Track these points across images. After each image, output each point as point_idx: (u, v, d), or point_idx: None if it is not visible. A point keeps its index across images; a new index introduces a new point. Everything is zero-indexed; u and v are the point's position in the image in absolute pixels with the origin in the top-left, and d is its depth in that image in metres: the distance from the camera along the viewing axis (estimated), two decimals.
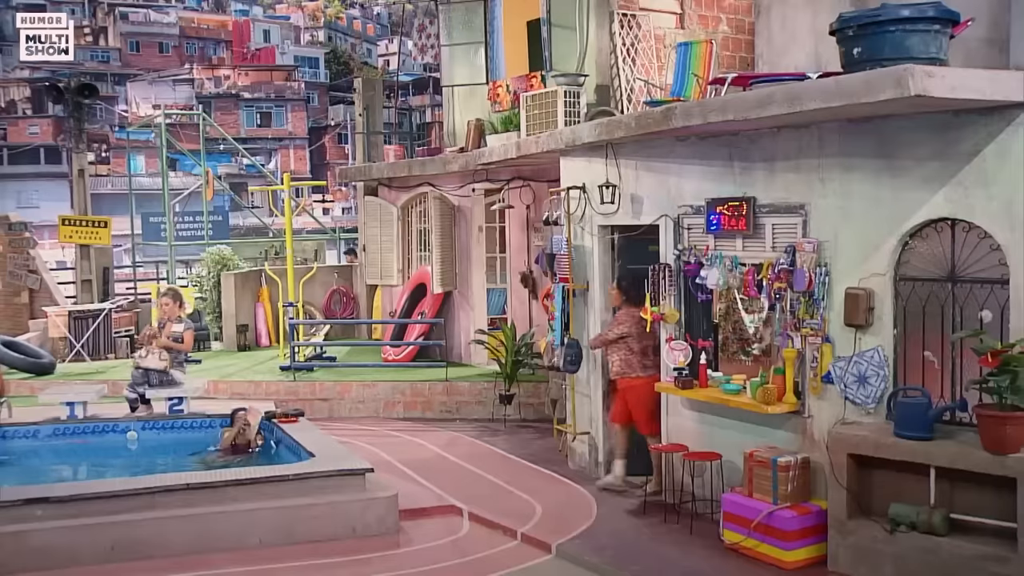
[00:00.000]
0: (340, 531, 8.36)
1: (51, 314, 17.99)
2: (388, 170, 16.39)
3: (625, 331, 9.33)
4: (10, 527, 7.66)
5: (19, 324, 19.59)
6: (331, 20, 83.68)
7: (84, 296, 19.97)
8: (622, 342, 9.35)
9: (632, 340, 9.31)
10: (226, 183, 32.42)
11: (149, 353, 11.64)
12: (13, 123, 63.03)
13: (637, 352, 9.33)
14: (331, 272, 19.02)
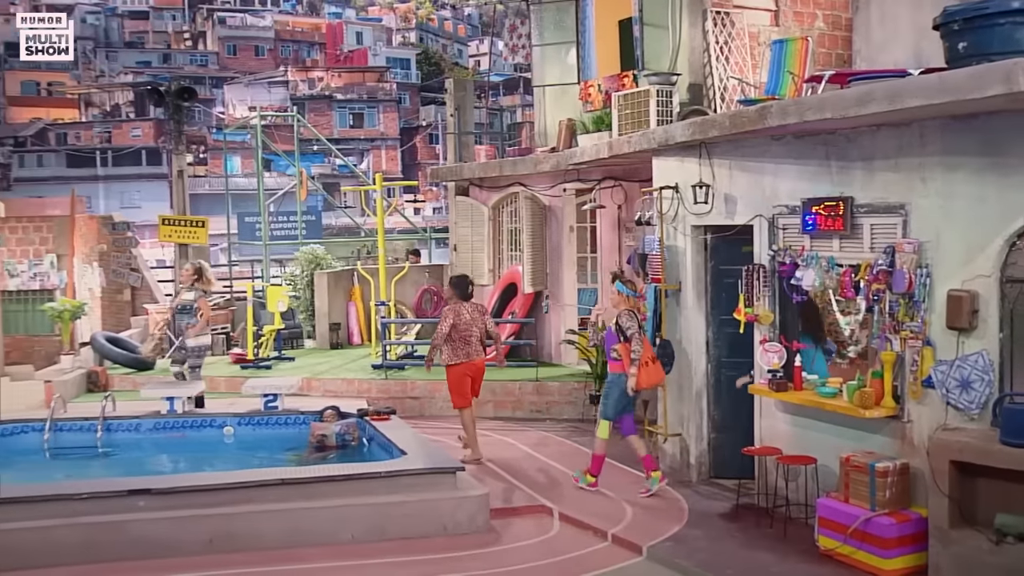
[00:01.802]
0: (431, 529, 8.41)
1: (151, 311, 18.49)
2: (479, 170, 16.45)
3: (451, 323, 10.70)
4: (114, 516, 7.89)
5: (122, 321, 20.20)
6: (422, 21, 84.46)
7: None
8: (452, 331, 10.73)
9: (455, 331, 10.72)
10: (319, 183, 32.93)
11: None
12: (117, 126, 65.02)
13: (459, 341, 10.71)
14: (422, 271, 19.18)
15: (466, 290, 11.08)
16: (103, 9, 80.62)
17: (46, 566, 7.61)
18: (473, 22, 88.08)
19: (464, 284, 11.16)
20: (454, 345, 10.80)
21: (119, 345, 16.19)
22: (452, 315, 10.81)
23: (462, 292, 11.04)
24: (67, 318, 18.38)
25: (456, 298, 11.03)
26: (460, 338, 10.78)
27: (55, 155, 62.31)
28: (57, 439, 11.05)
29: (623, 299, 9.80)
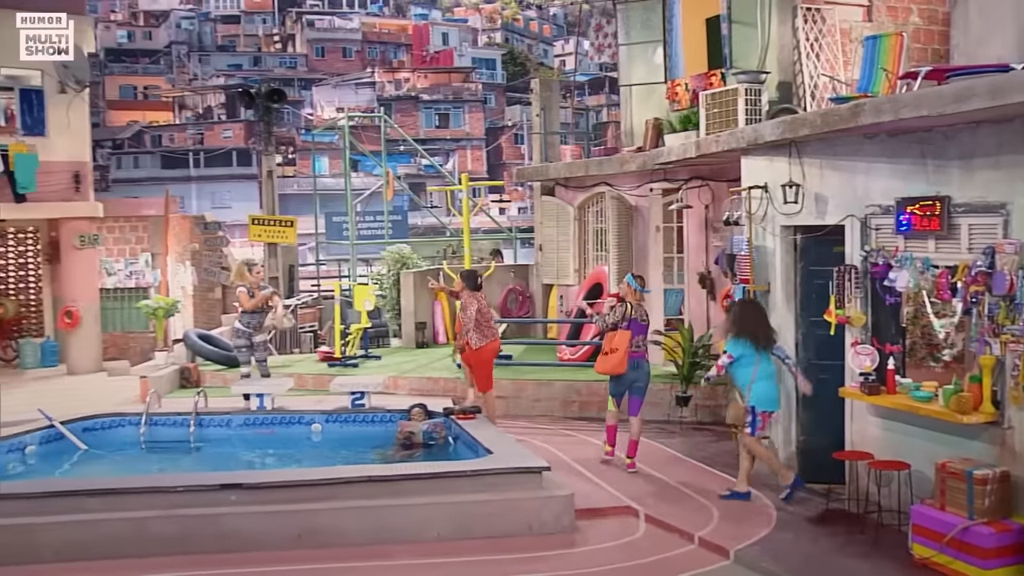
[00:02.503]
0: (516, 528, 8.41)
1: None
2: (565, 170, 16.44)
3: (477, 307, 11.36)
4: (206, 510, 8.05)
5: (213, 319, 20.62)
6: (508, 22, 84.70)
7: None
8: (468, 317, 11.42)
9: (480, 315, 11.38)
10: (405, 183, 33.23)
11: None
12: (209, 128, 66.48)
13: (484, 325, 11.40)
14: (507, 271, 19.22)
15: (476, 282, 11.84)
16: (196, 14, 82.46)
17: (141, 556, 7.80)
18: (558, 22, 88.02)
19: (474, 277, 11.95)
20: (481, 329, 11.44)
21: (210, 342, 16.52)
22: (476, 301, 11.51)
23: (473, 284, 11.77)
24: (161, 316, 18.84)
25: (468, 290, 11.68)
26: (485, 322, 11.52)
27: (150, 156, 63.92)
28: (152, 433, 11.32)
29: (631, 291, 10.63)
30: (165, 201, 21.35)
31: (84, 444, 11.01)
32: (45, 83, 18.71)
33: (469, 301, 11.53)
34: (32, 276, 19.89)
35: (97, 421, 11.54)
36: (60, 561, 7.71)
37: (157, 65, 77.98)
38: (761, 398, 9.14)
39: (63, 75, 18.48)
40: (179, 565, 7.65)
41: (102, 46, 65.07)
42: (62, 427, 10.99)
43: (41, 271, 19.84)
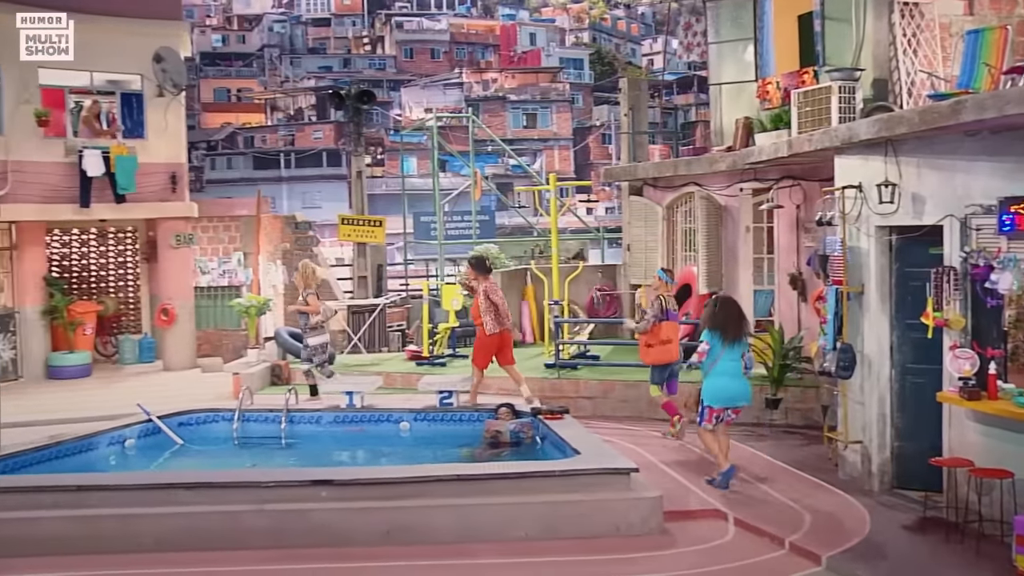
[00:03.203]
0: (603, 529, 8.37)
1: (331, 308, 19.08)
2: (653, 170, 16.34)
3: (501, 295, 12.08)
4: (298, 505, 8.18)
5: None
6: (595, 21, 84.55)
7: (360, 292, 21.06)
8: (491, 305, 11.99)
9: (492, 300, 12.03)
10: (493, 183, 33.35)
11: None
12: (300, 129, 67.62)
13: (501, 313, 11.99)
14: (595, 271, 19.16)
15: (488, 267, 12.45)
16: (288, 18, 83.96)
17: (234, 548, 7.96)
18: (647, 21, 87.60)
19: (485, 262, 12.59)
20: (497, 316, 12.05)
21: (301, 340, 16.76)
22: (497, 288, 12.20)
23: (486, 269, 12.35)
24: (253, 314, 19.18)
25: (483, 276, 12.24)
26: (502, 311, 12.08)
27: (243, 158, 65.22)
28: (245, 429, 11.55)
29: (662, 284, 11.75)
30: (257, 201, 21.74)
31: (180, 438, 11.28)
32: (144, 87, 19.22)
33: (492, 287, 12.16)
34: (131, 274, 20.43)
35: (192, 416, 11.83)
36: (158, 551, 7.91)
37: (250, 68, 79.64)
38: (710, 392, 9.77)
39: (161, 79, 18.96)
40: (271, 559, 7.79)
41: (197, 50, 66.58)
42: (159, 422, 11.28)
43: (139, 270, 20.38)
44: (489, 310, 12.04)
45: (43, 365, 18.49)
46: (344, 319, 18.44)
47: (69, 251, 20.00)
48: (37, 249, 18.78)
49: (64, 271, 19.73)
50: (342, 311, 18.68)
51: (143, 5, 19.06)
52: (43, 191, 17.92)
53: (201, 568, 7.69)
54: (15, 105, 17.77)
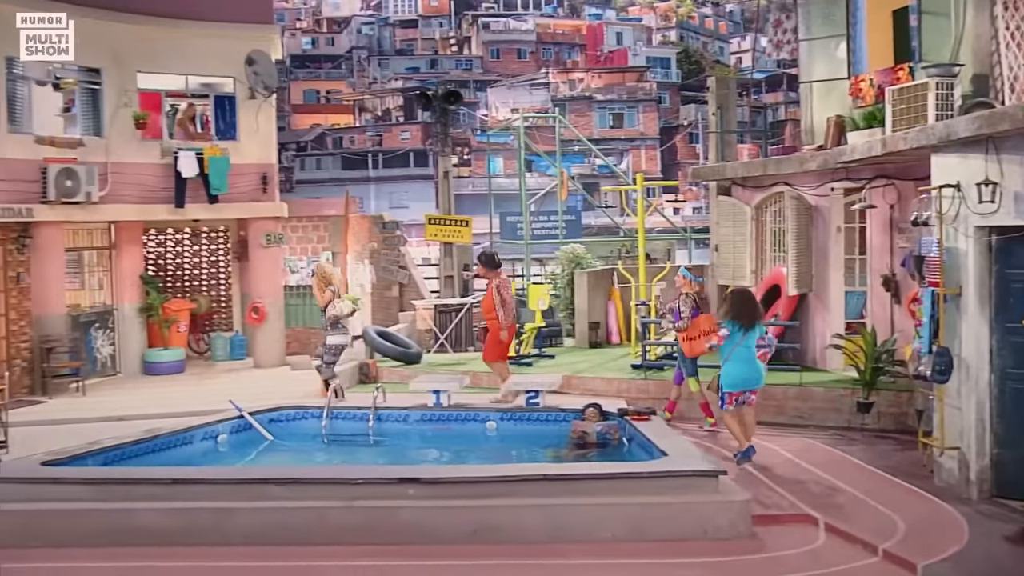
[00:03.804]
0: (691, 532, 8.28)
1: (418, 307, 19.25)
2: (742, 169, 16.12)
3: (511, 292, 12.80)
4: (386, 502, 8.25)
5: (390, 316, 21.15)
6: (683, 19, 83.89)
7: (446, 291, 21.18)
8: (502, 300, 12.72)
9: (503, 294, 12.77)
10: (579, 183, 33.28)
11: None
12: (388, 130, 68.36)
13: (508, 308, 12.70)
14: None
15: (497, 263, 13.12)
16: (376, 19, 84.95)
17: (323, 544, 8.06)
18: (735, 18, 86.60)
19: (494, 258, 13.25)
20: (508, 310, 12.71)
21: (388, 339, 16.95)
22: (508, 284, 12.98)
23: (496, 265, 12.99)
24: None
25: (494, 272, 12.89)
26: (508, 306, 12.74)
27: (332, 158, 66.18)
28: (333, 426, 11.69)
29: (687, 283, 12.31)
30: (345, 201, 22.01)
31: (270, 435, 11.47)
32: (236, 90, 19.60)
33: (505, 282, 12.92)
34: (222, 273, 20.86)
35: (282, 413, 12.01)
36: (249, 545, 8.05)
37: (339, 70, 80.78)
38: (728, 377, 10.50)
39: (253, 82, 19.32)
40: (359, 555, 7.87)
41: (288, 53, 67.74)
42: (250, 418, 11.49)
43: (230, 268, 20.79)
44: (500, 305, 12.81)
45: (139, 361, 18.98)
46: (431, 318, 18.56)
47: (164, 250, 20.50)
48: (134, 248, 19.28)
49: (159, 270, 20.24)
50: (429, 310, 18.80)
51: (235, 10, 19.46)
52: (140, 192, 18.40)
53: (291, 563, 7.81)
54: (115, 109, 18.27)
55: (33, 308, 17.40)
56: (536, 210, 25.20)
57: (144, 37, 18.40)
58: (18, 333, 17.24)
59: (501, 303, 12.85)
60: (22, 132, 17.16)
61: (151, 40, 18.46)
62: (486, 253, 13.81)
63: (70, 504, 8.40)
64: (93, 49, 17.87)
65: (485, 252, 14.03)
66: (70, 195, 17.05)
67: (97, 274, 18.92)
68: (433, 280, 23.21)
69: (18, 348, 17.21)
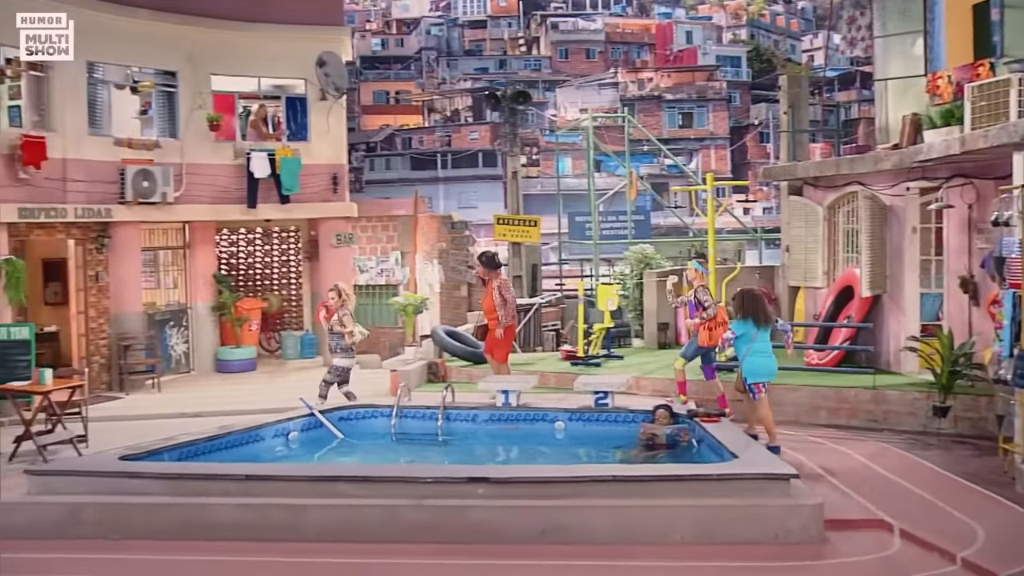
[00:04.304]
0: (761, 535, 8.17)
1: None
2: (814, 169, 15.90)
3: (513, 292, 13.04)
4: (454, 501, 8.27)
5: (459, 316, 21.23)
6: (753, 17, 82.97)
7: (515, 291, 21.21)
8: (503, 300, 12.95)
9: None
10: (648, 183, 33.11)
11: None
12: (456, 130, 68.66)
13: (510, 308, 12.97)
14: (752, 273, 18.79)
15: (497, 264, 13.33)
16: (445, 20, 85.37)
17: (392, 542, 8.11)
18: (807, 16, 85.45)
19: (495, 258, 13.44)
20: (507, 310, 12.97)
21: (457, 339, 17.00)
22: (509, 284, 13.24)
23: (496, 265, 13.19)
24: (410, 312, 19.54)
25: (494, 273, 13.06)
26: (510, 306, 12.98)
27: (401, 159, 66.62)
28: (402, 425, 11.75)
29: (699, 275, 12.80)
30: (414, 201, 22.15)
31: (340, 433, 11.58)
32: (307, 91, 19.85)
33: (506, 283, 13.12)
34: (293, 272, 21.14)
35: (352, 411, 12.12)
36: (320, 541, 8.13)
37: (408, 71, 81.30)
38: (752, 370, 11.07)
39: (324, 83, 19.54)
40: (428, 553, 7.90)
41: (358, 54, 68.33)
42: (321, 416, 11.60)
43: (301, 268, 21.05)
44: (502, 305, 13.02)
45: (212, 359, 19.31)
46: None
47: (236, 250, 20.84)
48: (208, 248, 19.63)
49: (231, 269, 20.57)
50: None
51: (307, 13, 19.72)
52: (213, 192, 18.72)
53: (361, 559, 7.87)
54: (189, 111, 18.62)
55: (111, 306, 17.81)
56: (604, 210, 25.14)
57: (218, 40, 18.74)
58: (97, 331, 17.66)
59: (503, 303, 13.09)
60: (101, 134, 17.59)
61: (225, 43, 18.80)
62: (487, 253, 13.95)
63: (147, 498, 8.57)
64: (169, 52, 18.29)
65: (486, 252, 14.16)
66: (147, 195, 17.42)
67: (172, 273, 19.30)
68: None
69: (97, 345, 17.63)
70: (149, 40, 17.99)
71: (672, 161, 34.96)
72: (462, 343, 16.87)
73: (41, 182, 16.15)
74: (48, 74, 16.67)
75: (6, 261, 15.43)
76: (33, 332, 15.39)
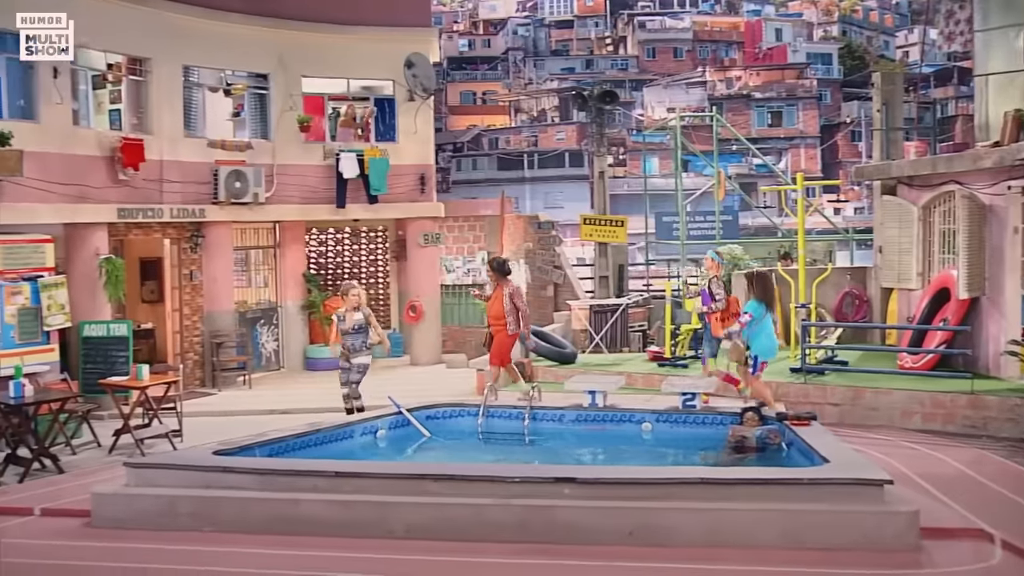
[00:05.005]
0: (853, 542, 7.97)
1: (574, 307, 19.25)
2: (909, 168, 15.55)
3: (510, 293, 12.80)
4: (542, 501, 8.25)
5: (544, 316, 21.24)
6: (846, 14, 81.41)
7: (601, 291, 21.15)
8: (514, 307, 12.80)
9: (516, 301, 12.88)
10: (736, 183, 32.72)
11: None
12: (543, 130, 68.68)
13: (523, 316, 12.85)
14: (843, 274, 18.43)
15: (507, 271, 13.27)
16: (532, 20, 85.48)
17: (479, 541, 8.11)
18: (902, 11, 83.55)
19: (505, 265, 13.35)
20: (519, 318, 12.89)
21: (543, 339, 16.99)
22: (521, 291, 13.21)
23: (506, 272, 13.14)
24: None
25: (504, 280, 12.97)
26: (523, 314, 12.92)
27: (487, 159, 66.85)
28: (489, 424, 11.77)
29: (715, 265, 13.49)
30: (501, 201, 22.22)
31: (427, 431, 11.65)
32: (396, 92, 20.04)
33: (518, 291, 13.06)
34: (380, 272, 21.36)
35: (439, 410, 12.17)
36: (408, 539, 8.17)
37: (495, 71, 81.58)
38: (763, 349, 11.94)
39: (411, 84, 19.71)
40: (515, 552, 7.89)
41: (445, 55, 68.79)
42: (408, 414, 11.68)
43: (388, 267, 21.26)
44: (512, 312, 12.87)
45: (301, 357, 19.63)
46: (586, 318, 18.55)
47: (325, 249, 21.13)
48: (297, 247, 19.95)
49: (320, 268, 20.87)
50: (584, 310, 18.78)
51: (395, 15, 19.94)
52: (303, 192, 19.03)
53: (449, 557, 7.89)
54: (280, 113, 18.94)
55: (204, 304, 18.22)
56: (692, 210, 24.88)
57: (309, 43, 19.04)
58: (191, 328, 18.07)
59: (514, 310, 12.89)
60: (196, 136, 17.99)
61: (315, 45, 19.09)
62: (498, 260, 13.75)
63: (239, 492, 8.71)
64: (261, 55, 18.65)
65: (497, 258, 13.96)
66: (239, 196, 17.77)
67: (263, 272, 19.66)
68: (588, 280, 23.18)
69: (191, 342, 18.04)
70: (242, 44, 18.37)
71: (761, 160, 34.47)
72: (549, 343, 16.85)
73: (139, 183, 16.59)
74: (146, 78, 17.12)
75: (106, 260, 15.88)
76: (131, 329, 15.86)
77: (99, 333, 15.62)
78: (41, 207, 14.72)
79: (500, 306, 12.98)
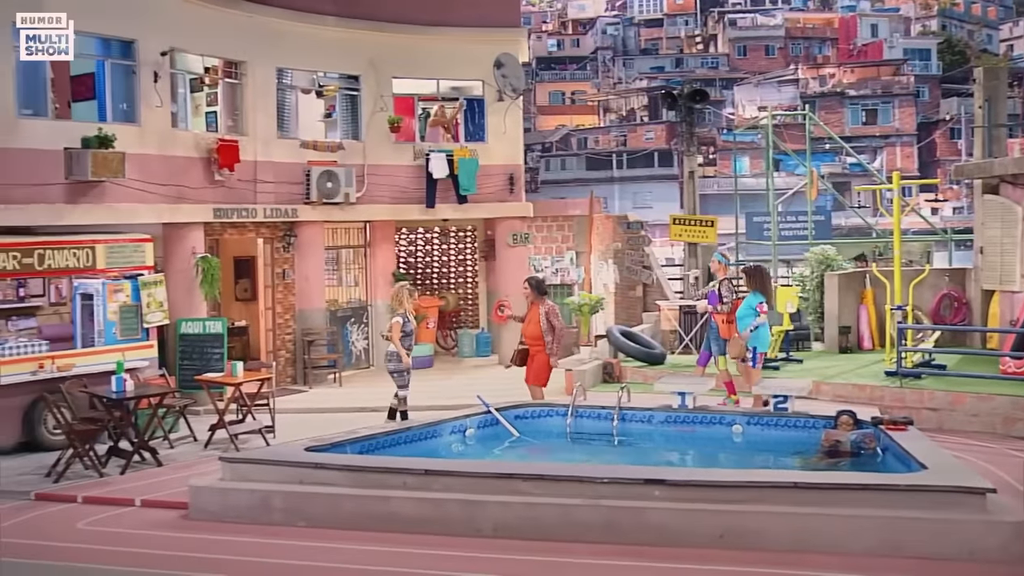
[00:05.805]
0: (954, 552, 7.74)
1: (662, 308, 19.09)
2: (1013, 166, 15.07)
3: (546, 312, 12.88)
4: (631, 503, 8.20)
5: (633, 316, 21.10)
6: (945, 7, 79.29)
7: (691, 292, 20.91)
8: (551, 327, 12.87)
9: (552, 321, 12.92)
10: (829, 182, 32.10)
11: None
12: (632, 130, 68.37)
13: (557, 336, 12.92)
14: (941, 275, 17.94)
15: (544, 290, 13.33)
16: (621, 20, 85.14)
17: (567, 541, 8.09)
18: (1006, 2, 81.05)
19: (542, 284, 13.51)
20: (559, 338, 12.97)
21: (632, 339, 16.88)
22: (557, 311, 13.17)
23: (543, 291, 13.23)
24: (586, 312, 19.55)
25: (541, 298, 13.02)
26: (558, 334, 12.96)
27: (576, 159, 66.79)
28: (577, 424, 11.74)
29: (722, 267, 13.45)
30: (590, 201, 22.14)
31: (516, 430, 11.66)
32: (485, 92, 20.11)
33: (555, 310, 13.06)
34: (469, 271, 21.47)
35: (527, 410, 12.19)
36: (497, 537, 8.20)
37: (584, 71, 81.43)
38: (762, 340, 12.60)
39: (501, 84, 19.77)
40: (603, 553, 7.85)
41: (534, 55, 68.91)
42: (497, 413, 11.71)
43: (477, 267, 21.35)
44: (549, 331, 12.89)
45: None
46: (675, 319, 18.39)
47: (414, 249, 21.32)
48: (387, 247, 20.15)
49: (410, 268, 21.05)
50: (673, 311, 18.62)
51: (484, 15, 20.01)
52: (393, 192, 19.21)
53: (537, 557, 7.89)
54: (371, 113, 19.16)
55: (296, 303, 18.51)
56: (784, 210, 24.44)
57: (399, 44, 19.21)
58: (283, 326, 18.38)
59: (551, 330, 12.92)
60: (289, 137, 18.29)
61: (405, 47, 19.26)
62: (535, 278, 13.79)
63: (331, 488, 8.83)
64: (353, 57, 18.89)
65: (534, 277, 14.05)
66: (330, 196, 18.02)
67: (353, 271, 19.90)
68: (677, 281, 22.97)
69: (283, 340, 18.35)
70: (334, 46, 18.62)
71: (855, 159, 33.77)
72: (637, 343, 16.74)
73: (234, 183, 16.92)
74: (241, 81, 17.46)
75: (202, 259, 16.24)
76: (226, 326, 16.20)
77: (195, 330, 15.99)
78: (141, 207, 15.11)
79: (537, 327, 13.03)
